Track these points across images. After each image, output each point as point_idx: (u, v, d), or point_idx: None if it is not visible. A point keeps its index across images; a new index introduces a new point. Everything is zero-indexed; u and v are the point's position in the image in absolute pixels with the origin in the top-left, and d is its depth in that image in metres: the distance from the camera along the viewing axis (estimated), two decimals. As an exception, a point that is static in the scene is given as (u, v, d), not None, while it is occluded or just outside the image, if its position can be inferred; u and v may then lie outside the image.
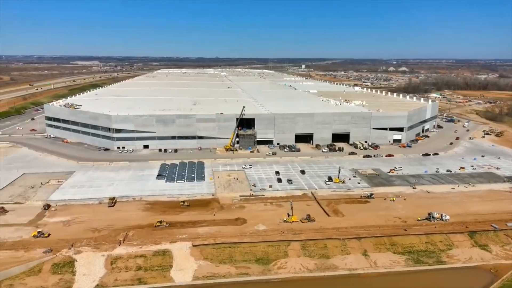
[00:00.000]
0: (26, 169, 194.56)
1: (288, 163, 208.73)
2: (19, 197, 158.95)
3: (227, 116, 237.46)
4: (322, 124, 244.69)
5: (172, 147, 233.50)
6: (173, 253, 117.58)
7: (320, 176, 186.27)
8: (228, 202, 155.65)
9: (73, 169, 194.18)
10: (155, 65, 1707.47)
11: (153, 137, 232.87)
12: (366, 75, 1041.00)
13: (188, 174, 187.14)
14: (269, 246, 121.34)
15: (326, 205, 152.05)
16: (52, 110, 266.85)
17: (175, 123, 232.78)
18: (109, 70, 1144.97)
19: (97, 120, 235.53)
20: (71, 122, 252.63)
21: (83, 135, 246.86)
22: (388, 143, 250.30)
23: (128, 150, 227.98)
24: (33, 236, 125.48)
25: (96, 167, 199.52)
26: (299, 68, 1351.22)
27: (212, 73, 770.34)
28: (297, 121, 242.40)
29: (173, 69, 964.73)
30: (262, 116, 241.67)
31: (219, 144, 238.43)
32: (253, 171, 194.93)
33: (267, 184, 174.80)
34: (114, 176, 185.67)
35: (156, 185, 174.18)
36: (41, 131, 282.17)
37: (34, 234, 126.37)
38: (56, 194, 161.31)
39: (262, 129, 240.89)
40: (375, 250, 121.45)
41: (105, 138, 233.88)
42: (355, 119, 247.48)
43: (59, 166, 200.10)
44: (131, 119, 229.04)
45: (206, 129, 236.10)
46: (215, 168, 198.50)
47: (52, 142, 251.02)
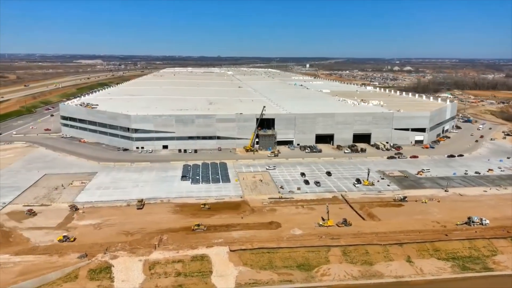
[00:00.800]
0: (47, 169, 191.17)
1: (312, 164, 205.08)
2: (44, 199, 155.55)
3: (247, 116, 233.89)
4: (343, 125, 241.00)
5: (191, 147, 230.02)
6: (211, 258, 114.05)
7: (347, 178, 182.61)
8: (258, 205, 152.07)
9: (95, 170, 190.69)
10: (158, 64, 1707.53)
11: (172, 137, 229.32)
12: (371, 74, 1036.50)
13: (213, 175, 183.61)
14: (308, 251, 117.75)
15: (360, 209, 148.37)
16: (68, 109, 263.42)
17: (195, 123, 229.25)
18: (113, 69, 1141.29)
19: (116, 120, 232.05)
20: (88, 121, 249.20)
21: (100, 135, 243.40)
22: (410, 144, 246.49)
23: (148, 151, 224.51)
24: (58, 241, 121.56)
25: (118, 167, 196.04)
26: (304, 68, 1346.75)
27: (218, 72, 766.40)
28: (317, 121, 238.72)
29: (179, 68, 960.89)
30: (282, 116, 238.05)
31: (239, 145, 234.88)
32: (277, 172, 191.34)
33: (294, 186, 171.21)
34: (138, 177, 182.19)
35: (181, 186, 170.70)
36: (56, 130, 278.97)
37: (59, 239, 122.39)
38: (82, 196, 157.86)
39: (282, 130, 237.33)
40: (419, 256, 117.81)
41: (123, 138, 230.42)
42: (377, 119, 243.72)
43: (80, 166, 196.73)
44: (151, 119, 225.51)
45: (226, 129, 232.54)
46: (238, 169, 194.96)
47: (69, 142, 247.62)
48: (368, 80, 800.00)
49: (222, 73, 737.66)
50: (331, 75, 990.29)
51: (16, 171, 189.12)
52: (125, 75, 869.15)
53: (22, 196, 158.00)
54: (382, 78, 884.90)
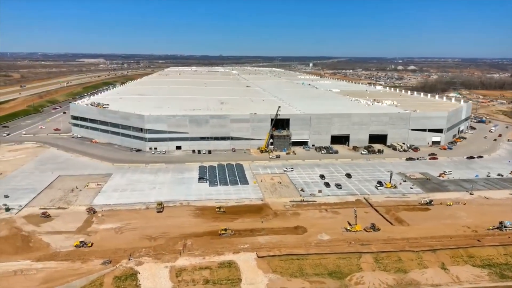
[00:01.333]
0: (61, 171, 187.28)
1: (329, 165, 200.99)
2: (60, 201, 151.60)
3: (261, 117, 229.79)
4: (359, 125, 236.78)
5: (205, 148, 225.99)
6: (239, 265, 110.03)
7: (367, 180, 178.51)
8: (281, 208, 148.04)
9: (110, 171, 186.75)
10: (161, 63, 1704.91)
11: (186, 138, 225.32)
12: (376, 73, 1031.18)
13: (230, 177, 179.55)
14: (339, 258, 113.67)
15: (385, 213, 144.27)
16: (78, 109, 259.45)
17: (209, 124, 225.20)
18: (117, 67, 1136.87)
19: (128, 120, 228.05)
20: (99, 121, 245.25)
21: (112, 135, 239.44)
22: (427, 145, 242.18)
23: (161, 151, 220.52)
24: (75, 246, 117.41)
25: (133, 169, 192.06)
26: (307, 67, 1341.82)
27: (223, 71, 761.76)
28: (333, 121, 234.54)
29: (183, 67, 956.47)
30: (297, 116, 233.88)
31: (253, 145, 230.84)
32: (295, 174, 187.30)
33: (315, 189, 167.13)
34: (154, 178, 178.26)
35: (200, 189, 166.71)
36: (65, 130, 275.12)
37: (76, 244, 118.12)
38: (99, 198, 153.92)
39: (297, 130, 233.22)
40: (453, 263, 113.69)
41: (136, 138, 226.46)
42: (393, 119, 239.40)
43: (94, 167, 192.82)
44: (164, 119, 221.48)
45: (240, 130, 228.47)
46: (255, 171, 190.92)
47: (80, 142, 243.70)
48: (373, 80, 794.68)
49: (227, 72, 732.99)
50: (335, 74, 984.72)
51: (29, 172, 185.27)
52: (129, 74, 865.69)
53: (38, 198, 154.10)
54: (387, 77, 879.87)
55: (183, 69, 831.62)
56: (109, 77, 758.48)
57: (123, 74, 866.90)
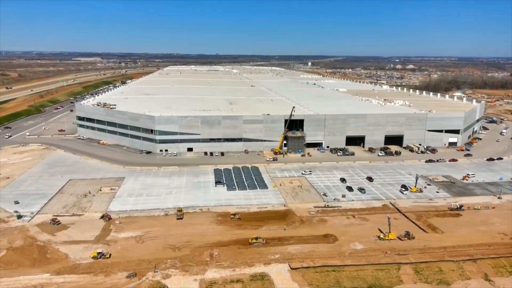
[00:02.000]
0: (70, 174, 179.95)
1: (348, 168, 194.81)
2: (74, 207, 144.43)
3: (274, 117, 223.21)
4: (374, 126, 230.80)
5: (217, 149, 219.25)
6: (272, 278, 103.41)
7: (390, 184, 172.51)
8: (305, 215, 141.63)
9: (122, 175, 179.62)
10: (158, 61, 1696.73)
11: (198, 140, 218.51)
12: (376, 72, 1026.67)
13: (248, 181, 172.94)
14: (377, 269, 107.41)
15: (416, 219, 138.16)
16: (85, 109, 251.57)
17: (221, 125, 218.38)
18: (115, 66, 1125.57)
19: (138, 121, 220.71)
20: (106, 122, 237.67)
21: (120, 137, 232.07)
22: (443, 146, 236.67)
23: (172, 153, 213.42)
24: (92, 258, 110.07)
25: (146, 172, 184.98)
26: (306, 66, 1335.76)
27: (224, 70, 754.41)
28: (348, 122, 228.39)
29: (181, 66, 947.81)
30: (311, 117, 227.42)
31: (266, 147, 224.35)
32: (314, 177, 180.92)
33: (337, 193, 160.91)
34: (169, 182, 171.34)
35: (218, 193, 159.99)
36: (70, 131, 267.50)
37: (93, 255, 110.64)
38: (115, 204, 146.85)
39: (311, 131, 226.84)
40: (496, 274, 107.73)
41: (146, 140, 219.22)
42: (410, 120, 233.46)
43: (105, 171, 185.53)
44: (175, 120, 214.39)
45: (253, 131, 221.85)
46: (272, 174, 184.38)
47: (87, 144, 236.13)
48: (374, 79, 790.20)
49: (228, 72, 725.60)
50: (335, 73, 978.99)
51: (38, 176, 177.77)
52: (128, 73, 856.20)
53: (49, 204, 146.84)
54: (388, 76, 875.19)
55: (183, 68, 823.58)
56: (108, 76, 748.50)
57: (122, 73, 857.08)
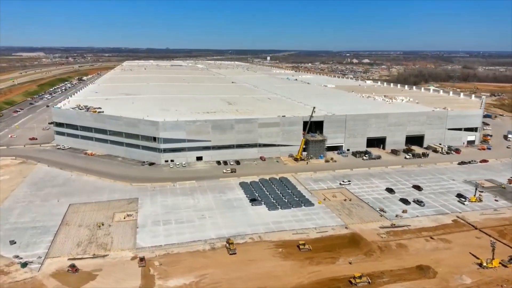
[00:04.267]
0: (68, 197, 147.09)
1: (384, 175, 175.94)
2: (91, 245, 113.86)
3: (292, 119, 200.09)
4: (395, 126, 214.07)
5: (230, 157, 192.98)
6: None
7: (442, 193, 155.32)
8: (377, 238, 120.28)
9: (132, 195, 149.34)
10: (107, 56, 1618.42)
11: (208, 147, 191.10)
12: (336, 67, 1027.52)
13: (287, 196, 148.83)
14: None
15: (501, 237, 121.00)
16: (65, 114, 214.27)
17: (234, 129, 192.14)
18: (63, 62, 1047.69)
19: (137, 127, 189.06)
20: (94, 129, 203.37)
21: (113, 146, 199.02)
22: (462, 145, 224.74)
23: (181, 164, 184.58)
24: None
25: (160, 190, 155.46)
26: (264, 60, 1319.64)
27: (188, 66, 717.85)
28: (370, 123, 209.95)
29: (141, 61, 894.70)
30: (332, 118, 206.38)
31: (283, 153, 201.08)
32: (356, 188, 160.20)
33: (395, 208, 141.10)
34: (194, 203, 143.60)
35: (260, 215, 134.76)
36: (43, 139, 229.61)
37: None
38: (143, 237, 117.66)
39: (330, 133, 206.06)
40: None
41: (147, 149, 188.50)
42: (431, 119, 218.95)
43: (109, 190, 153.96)
44: (183, 126, 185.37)
45: (269, 135, 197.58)
46: (307, 186, 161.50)
47: (71, 155, 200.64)
48: (339, 73, 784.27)
49: (193, 67, 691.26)
50: (298, 68, 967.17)
51: (27, 201, 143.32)
52: (82, 69, 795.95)
53: (57, 242, 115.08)
54: (352, 71, 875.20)
55: (143, 63, 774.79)
56: (61, 73, 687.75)
57: (75, 68, 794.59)
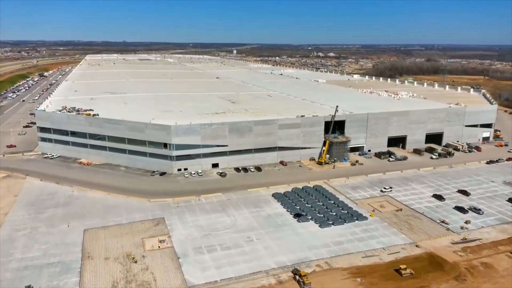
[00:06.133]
0: (77, 219, 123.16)
1: (422, 179, 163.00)
2: (131, 285, 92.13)
3: (313, 120, 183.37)
4: (416, 124, 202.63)
5: (248, 163, 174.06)
6: None
7: (491, 197, 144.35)
8: (456, 258, 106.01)
9: (155, 213, 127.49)
10: (62, 50, 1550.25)
11: (224, 152, 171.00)
12: (305, 60, 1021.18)
13: (333, 209, 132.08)
14: None
15: None
16: (52, 118, 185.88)
17: (252, 132, 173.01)
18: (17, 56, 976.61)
19: (143, 132, 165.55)
20: (89, 135, 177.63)
21: (113, 154, 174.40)
22: (478, 141, 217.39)
23: (197, 173, 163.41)
24: None
25: (185, 206, 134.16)
26: (231, 54, 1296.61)
27: (156, 60, 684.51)
28: (391, 121, 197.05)
29: (103, 55, 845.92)
30: (354, 117, 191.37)
31: (303, 156, 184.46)
32: (401, 195, 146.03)
33: (455, 218, 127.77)
34: (232, 221, 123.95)
35: (314, 233, 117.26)
36: (23, 146, 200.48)
37: None
38: (190, 271, 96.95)
39: (352, 134, 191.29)
40: None
41: (156, 157, 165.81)
42: (450, 116, 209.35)
43: (126, 209, 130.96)
44: (197, 130, 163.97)
45: (289, 138, 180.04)
46: (348, 195, 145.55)
47: (64, 165, 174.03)
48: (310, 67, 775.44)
49: (163, 61, 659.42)
50: (266, 62, 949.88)
51: (29, 227, 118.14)
52: (40, 64, 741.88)
53: (86, 284, 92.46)
54: (322, 64, 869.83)
55: (107, 57, 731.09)
56: (19, 68, 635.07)
57: (33, 64, 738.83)
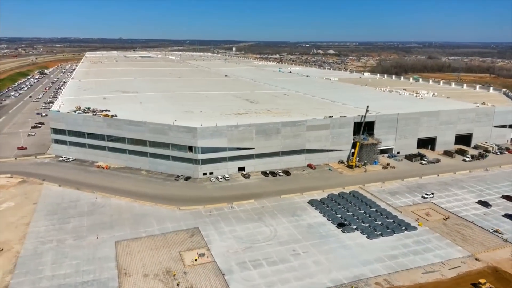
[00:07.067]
0: (106, 230, 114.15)
1: (461, 183, 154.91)
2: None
3: (342, 121, 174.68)
4: (446, 125, 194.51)
5: (276, 167, 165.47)
6: None
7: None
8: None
9: (188, 223, 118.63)
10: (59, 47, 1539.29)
11: (251, 155, 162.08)
12: (305, 58, 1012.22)
13: (377, 218, 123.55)
14: None
15: None
16: (68, 119, 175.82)
17: (280, 134, 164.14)
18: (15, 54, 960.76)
19: (166, 135, 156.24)
20: (107, 137, 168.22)
21: (132, 157, 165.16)
22: (506, 142, 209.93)
23: (224, 177, 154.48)
24: None
25: (219, 214, 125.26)
26: (230, 51, 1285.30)
27: (158, 57, 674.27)
28: (421, 122, 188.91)
29: (103, 52, 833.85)
30: (383, 117, 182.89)
31: (331, 158, 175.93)
32: (444, 202, 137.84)
33: (503, 226, 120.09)
34: (271, 231, 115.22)
35: (363, 246, 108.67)
36: (34, 148, 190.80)
37: None
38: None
39: (381, 135, 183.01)
40: None
41: (179, 160, 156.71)
42: (479, 116, 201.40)
43: (155, 218, 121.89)
44: (224, 132, 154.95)
45: (318, 139, 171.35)
46: (389, 202, 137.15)
47: (81, 169, 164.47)
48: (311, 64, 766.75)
49: (166, 58, 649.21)
50: (268, 59, 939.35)
51: (55, 239, 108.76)
52: (39, 62, 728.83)
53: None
54: (324, 62, 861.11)
55: (108, 54, 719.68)
56: (18, 66, 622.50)
57: (32, 61, 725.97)
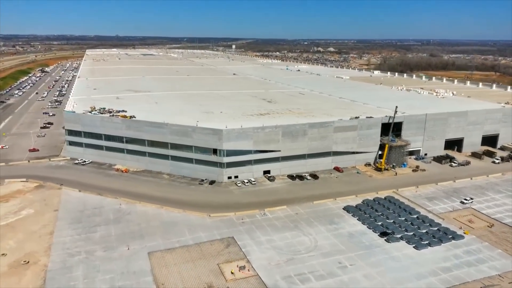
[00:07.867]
0: (136, 240, 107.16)
1: (497, 187, 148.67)
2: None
3: (370, 122, 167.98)
4: (473, 125, 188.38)
5: (302, 170, 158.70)
6: None
7: None
8: None
9: (222, 232, 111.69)
10: (57, 44, 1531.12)
11: (277, 158, 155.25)
12: (306, 55, 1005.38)
13: (420, 226, 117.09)
14: None
15: None
16: (83, 120, 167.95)
17: (307, 136, 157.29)
18: (13, 51, 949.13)
19: (189, 137, 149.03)
20: (126, 139, 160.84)
21: (153, 160, 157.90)
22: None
23: (250, 181, 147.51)
24: None
25: (252, 222, 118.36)
26: (230, 48, 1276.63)
27: (159, 55, 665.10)
28: (449, 122, 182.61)
29: (103, 49, 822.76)
30: (412, 118, 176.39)
31: (358, 161, 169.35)
32: (484, 207, 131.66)
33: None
34: (311, 241, 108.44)
35: (412, 257, 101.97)
36: (46, 150, 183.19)
37: None
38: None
39: (409, 136, 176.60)
40: None
41: (203, 164, 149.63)
42: (506, 116, 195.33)
43: (187, 227, 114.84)
44: (250, 134, 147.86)
45: (345, 141, 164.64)
46: (428, 208, 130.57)
47: (100, 172, 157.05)
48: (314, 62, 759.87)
49: (169, 56, 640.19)
50: (269, 57, 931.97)
51: (83, 251, 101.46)
52: (39, 60, 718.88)
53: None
54: (327, 60, 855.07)
55: (109, 52, 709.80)
56: (18, 64, 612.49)
57: (31, 59, 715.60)
